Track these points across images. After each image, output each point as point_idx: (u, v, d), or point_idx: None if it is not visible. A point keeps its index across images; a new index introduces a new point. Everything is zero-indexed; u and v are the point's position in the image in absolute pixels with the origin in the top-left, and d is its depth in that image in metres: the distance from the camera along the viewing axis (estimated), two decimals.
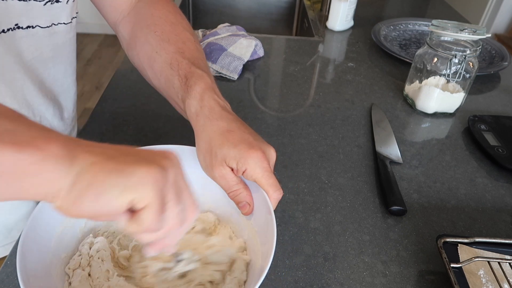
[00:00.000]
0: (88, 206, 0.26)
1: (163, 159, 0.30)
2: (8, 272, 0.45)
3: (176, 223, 0.30)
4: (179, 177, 0.31)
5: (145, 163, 0.28)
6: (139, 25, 0.56)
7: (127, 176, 0.27)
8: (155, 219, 0.28)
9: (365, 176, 0.62)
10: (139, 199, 0.27)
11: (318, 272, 0.48)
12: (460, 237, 0.48)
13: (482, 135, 0.70)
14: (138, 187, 0.27)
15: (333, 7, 1.09)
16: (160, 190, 0.28)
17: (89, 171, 0.26)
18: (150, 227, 0.29)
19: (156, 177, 0.28)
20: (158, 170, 0.28)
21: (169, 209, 0.29)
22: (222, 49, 0.87)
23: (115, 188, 0.27)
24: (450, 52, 0.72)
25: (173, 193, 0.30)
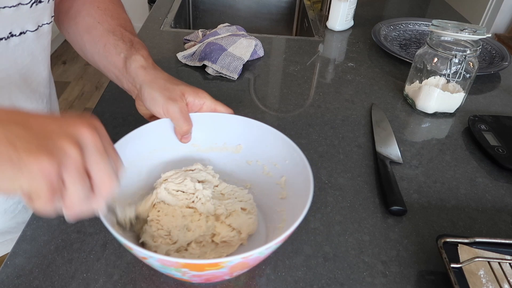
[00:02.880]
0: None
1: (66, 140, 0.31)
2: (8, 272, 0.45)
3: (77, 199, 0.33)
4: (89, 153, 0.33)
5: (37, 152, 0.30)
6: (82, 1, 0.62)
7: (15, 166, 0.29)
8: (45, 206, 0.31)
9: (365, 176, 0.62)
10: (28, 188, 0.30)
11: (318, 272, 0.48)
12: (460, 237, 0.48)
13: (482, 135, 0.70)
14: (26, 178, 0.30)
15: (333, 7, 1.09)
16: (49, 179, 0.30)
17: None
18: (41, 210, 0.32)
19: (44, 169, 0.30)
20: (48, 160, 0.30)
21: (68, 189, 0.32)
22: (222, 49, 0.87)
23: (6, 177, 0.29)
24: (450, 52, 0.72)
25: (71, 175, 0.32)
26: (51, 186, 0.31)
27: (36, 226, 0.50)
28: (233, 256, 0.36)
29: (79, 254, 0.48)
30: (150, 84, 0.53)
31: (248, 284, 0.46)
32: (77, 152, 0.32)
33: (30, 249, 0.48)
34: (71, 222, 0.49)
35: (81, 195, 0.33)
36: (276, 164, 0.53)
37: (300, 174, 0.48)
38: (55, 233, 0.50)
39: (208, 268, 0.38)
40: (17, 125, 0.31)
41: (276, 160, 0.53)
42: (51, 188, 0.31)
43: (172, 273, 0.40)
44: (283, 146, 0.51)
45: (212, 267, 0.37)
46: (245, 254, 0.37)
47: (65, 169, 0.31)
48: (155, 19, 1.11)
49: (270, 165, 0.54)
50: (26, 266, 0.46)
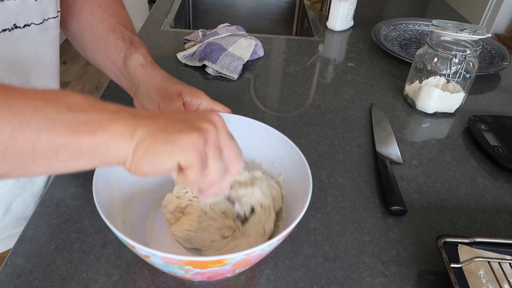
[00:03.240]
0: (146, 168, 0.34)
1: (205, 123, 0.37)
2: (8, 272, 0.45)
3: (217, 175, 0.37)
4: (221, 135, 0.38)
5: (186, 130, 0.35)
6: None
7: (172, 144, 0.34)
8: (198, 174, 0.36)
9: (365, 176, 0.62)
10: (183, 161, 0.35)
11: (318, 272, 0.48)
12: (460, 237, 0.48)
13: (482, 135, 0.70)
14: (181, 152, 0.34)
15: (333, 7, 1.09)
16: (200, 152, 0.35)
17: (144, 142, 0.34)
18: (194, 180, 0.36)
19: (195, 142, 0.35)
20: (197, 135, 0.35)
21: (210, 165, 0.36)
22: (222, 49, 0.87)
23: (164, 155, 0.34)
24: (450, 52, 0.72)
25: (213, 152, 0.36)
26: (201, 157, 0.35)
27: (36, 226, 0.50)
28: (236, 253, 0.37)
29: (79, 254, 0.48)
30: (147, 82, 0.54)
31: (248, 284, 0.46)
32: (215, 130, 0.37)
33: (30, 249, 0.48)
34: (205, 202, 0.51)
35: (220, 171, 0.37)
36: (274, 162, 0.53)
37: (299, 173, 0.48)
38: (55, 233, 0.50)
39: (212, 265, 0.38)
40: (162, 118, 0.36)
41: (274, 159, 0.53)
42: (202, 159, 0.35)
43: (174, 271, 0.40)
44: (280, 145, 0.52)
45: (215, 264, 0.38)
46: (248, 251, 0.37)
47: (208, 145, 0.36)
48: (155, 19, 1.11)
49: (268, 164, 0.54)
50: (26, 266, 0.46)
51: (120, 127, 0.34)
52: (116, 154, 0.34)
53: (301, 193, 0.45)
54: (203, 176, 0.36)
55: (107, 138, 0.33)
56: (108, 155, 0.34)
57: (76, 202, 0.54)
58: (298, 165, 0.48)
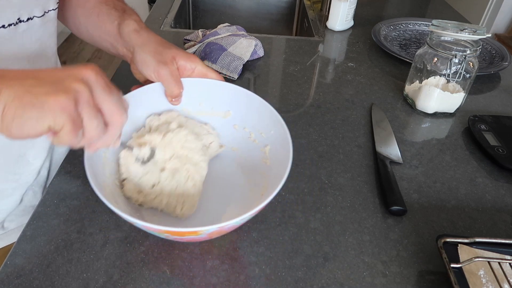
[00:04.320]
0: (17, 132, 0.34)
1: (75, 82, 0.36)
2: (8, 272, 0.45)
3: (95, 132, 0.37)
4: (96, 92, 0.37)
5: (54, 93, 0.34)
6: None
7: (39, 108, 0.34)
8: (71, 136, 0.36)
9: (365, 176, 0.62)
10: (53, 124, 0.34)
11: (318, 272, 0.48)
12: (460, 237, 0.48)
13: (482, 135, 0.70)
14: (49, 116, 0.34)
15: (333, 7, 1.09)
16: (69, 113, 0.35)
17: (11, 106, 0.33)
18: (69, 142, 0.36)
19: (63, 105, 0.34)
20: (65, 97, 0.34)
21: (85, 124, 0.36)
22: (222, 49, 0.87)
23: (31, 119, 0.34)
24: (450, 52, 0.72)
25: (86, 110, 0.36)
26: (72, 119, 0.35)
27: (36, 226, 0.50)
28: (210, 226, 0.40)
29: (79, 254, 0.48)
30: (142, 47, 0.55)
31: (248, 284, 0.46)
32: (87, 89, 0.36)
33: (30, 249, 0.48)
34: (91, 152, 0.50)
35: (98, 128, 0.37)
36: (262, 133, 0.56)
37: (283, 147, 0.50)
38: (55, 233, 0.50)
39: (188, 235, 0.42)
40: (30, 79, 0.35)
41: (262, 129, 0.55)
42: (72, 121, 0.35)
43: (158, 236, 0.45)
44: (269, 117, 0.54)
45: (191, 234, 0.42)
46: (221, 224, 0.40)
47: (80, 106, 0.35)
48: (155, 19, 1.11)
49: (256, 133, 0.57)
50: (26, 266, 0.46)
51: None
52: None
53: (282, 169, 0.47)
54: (77, 135, 0.36)
55: None
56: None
57: (76, 202, 0.54)
58: (283, 140, 0.51)
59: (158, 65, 0.53)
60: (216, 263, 0.48)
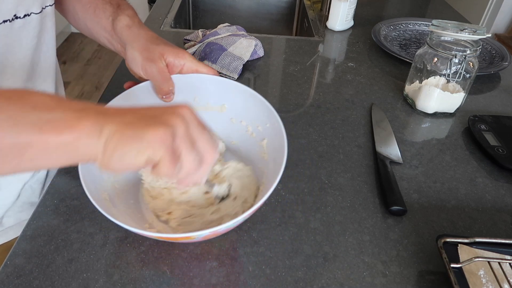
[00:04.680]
0: (117, 165, 0.35)
1: (173, 117, 0.36)
2: (8, 272, 0.45)
3: (192, 166, 0.38)
4: (192, 127, 0.38)
5: (153, 125, 0.35)
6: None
7: (139, 140, 0.34)
8: (170, 168, 0.36)
9: (365, 176, 0.62)
10: (152, 156, 0.35)
11: (318, 272, 0.48)
12: (460, 237, 0.48)
13: (482, 135, 0.70)
14: (149, 148, 0.34)
15: (333, 7, 1.09)
16: (168, 146, 0.35)
17: (112, 139, 0.34)
18: (167, 174, 0.36)
19: (162, 137, 0.35)
20: (164, 129, 0.35)
21: (183, 157, 0.37)
22: (222, 49, 0.87)
23: (132, 151, 0.34)
24: (450, 52, 0.72)
25: (184, 144, 0.37)
26: (170, 151, 0.35)
27: (36, 226, 0.50)
28: (202, 231, 0.40)
29: (79, 254, 0.48)
30: (131, 43, 0.55)
31: (248, 284, 0.46)
32: (184, 124, 0.37)
33: (30, 249, 0.48)
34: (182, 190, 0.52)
35: (195, 162, 0.38)
36: (259, 126, 0.56)
37: (278, 142, 0.50)
38: (55, 233, 0.50)
39: (181, 239, 0.43)
40: (129, 114, 0.36)
41: (259, 122, 0.56)
42: (171, 153, 0.36)
43: None
44: (263, 110, 0.54)
45: (184, 239, 0.42)
46: (213, 229, 0.40)
47: (178, 139, 0.36)
48: (155, 19, 1.11)
49: (253, 127, 0.57)
50: (26, 266, 0.46)
51: (86, 125, 0.34)
52: (84, 152, 0.34)
53: (278, 164, 0.47)
54: (175, 169, 0.37)
55: (74, 136, 0.33)
56: (77, 153, 0.34)
57: (76, 202, 0.54)
58: (277, 135, 0.51)
59: (145, 62, 0.52)
60: (216, 263, 0.48)
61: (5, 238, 0.65)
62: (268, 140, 0.54)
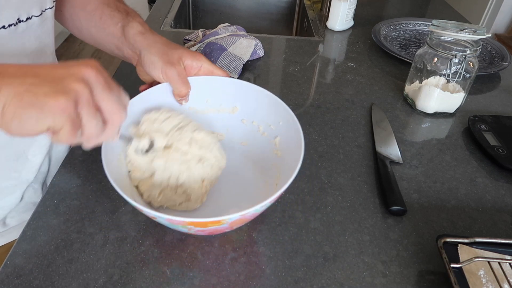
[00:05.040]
0: (16, 131, 0.34)
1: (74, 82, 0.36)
2: (8, 272, 0.45)
3: (94, 130, 0.38)
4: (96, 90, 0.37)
5: (54, 94, 0.34)
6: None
7: (39, 109, 0.34)
8: (70, 135, 0.36)
9: (365, 176, 0.62)
10: (52, 125, 0.35)
11: (318, 272, 0.48)
12: (460, 237, 0.48)
13: (482, 135, 0.70)
14: (49, 117, 0.34)
15: (333, 7, 1.09)
16: (69, 115, 0.35)
17: (11, 104, 0.33)
18: (67, 141, 0.37)
19: (63, 107, 0.34)
20: (65, 99, 0.34)
21: (84, 124, 0.37)
22: (222, 49, 0.87)
23: (31, 119, 0.34)
24: (450, 52, 0.72)
25: (86, 110, 0.36)
26: (71, 120, 0.35)
27: (36, 226, 0.50)
28: (233, 214, 0.40)
29: (79, 254, 0.48)
30: (149, 49, 0.55)
31: (248, 284, 0.46)
32: (87, 90, 0.36)
33: (30, 249, 0.48)
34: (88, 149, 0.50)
35: (97, 127, 0.38)
36: (271, 125, 0.56)
37: (293, 137, 0.51)
38: (55, 233, 0.50)
39: (211, 225, 0.42)
40: (29, 76, 0.35)
41: (271, 121, 0.56)
42: (72, 121, 0.35)
43: (179, 229, 0.45)
44: (277, 108, 0.55)
45: (214, 224, 0.42)
46: (243, 212, 0.40)
47: (80, 106, 0.36)
48: (155, 19, 1.11)
49: (265, 126, 0.57)
50: (26, 266, 0.46)
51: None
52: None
53: (294, 157, 0.48)
54: (76, 135, 0.37)
55: None
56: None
57: (76, 202, 0.54)
58: (292, 131, 0.52)
59: (166, 66, 0.53)
60: (216, 263, 0.48)
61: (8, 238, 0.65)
62: (281, 137, 0.55)
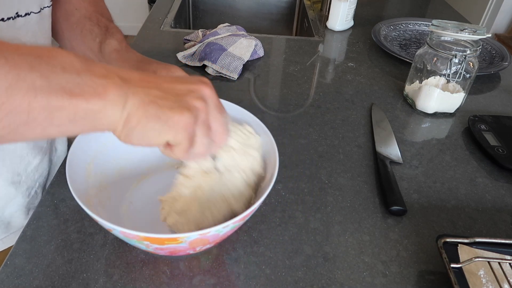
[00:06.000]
0: (135, 140, 0.35)
1: (196, 100, 0.37)
2: (8, 272, 0.45)
3: (203, 150, 0.39)
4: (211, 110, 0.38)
5: (178, 109, 0.35)
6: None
7: (163, 122, 0.35)
8: (184, 153, 0.37)
9: (365, 176, 0.62)
10: (172, 140, 0.36)
11: (318, 272, 0.48)
12: (460, 237, 0.48)
13: (482, 135, 0.70)
14: (171, 132, 0.35)
15: (333, 7, 1.09)
16: (190, 132, 0.36)
17: (136, 114, 0.34)
18: (179, 157, 0.38)
19: (185, 123, 0.35)
20: (188, 115, 0.35)
21: (197, 142, 0.37)
22: (222, 49, 0.87)
23: (153, 131, 0.35)
24: (450, 52, 0.72)
25: (201, 129, 0.37)
26: (190, 137, 0.36)
27: (36, 226, 0.50)
28: (191, 233, 0.39)
29: (79, 254, 0.48)
30: (123, 65, 0.55)
31: (248, 284, 0.46)
32: (206, 109, 0.37)
33: (30, 249, 0.48)
34: None
35: (207, 147, 0.39)
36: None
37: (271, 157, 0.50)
38: (55, 233, 0.50)
39: (168, 242, 0.40)
40: (153, 88, 0.35)
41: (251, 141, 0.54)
42: (190, 139, 0.36)
43: (137, 245, 0.42)
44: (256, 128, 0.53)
45: (171, 242, 0.40)
46: (203, 231, 0.39)
47: (197, 125, 0.37)
48: (155, 19, 1.11)
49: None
50: (26, 266, 0.46)
51: (112, 95, 0.33)
52: (107, 122, 0.34)
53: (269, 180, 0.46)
54: (188, 153, 0.38)
55: (101, 105, 0.33)
56: (100, 121, 0.34)
57: (76, 202, 0.54)
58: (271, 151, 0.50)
59: None
60: (216, 263, 0.48)
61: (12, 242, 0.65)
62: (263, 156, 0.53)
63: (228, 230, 0.42)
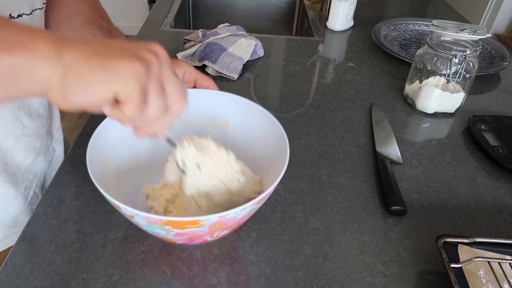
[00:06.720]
0: (77, 98, 0.29)
1: (147, 52, 0.32)
2: (8, 272, 0.45)
3: (157, 112, 0.33)
4: (165, 69, 0.33)
5: (127, 57, 0.30)
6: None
7: (110, 71, 0.29)
8: (136, 111, 0.31)
9: (365, 176, 0.62)
10: (121, 92, 0.30)
11: (318, 272, 0.48)
12: (460, 237, 0.48)
13: (482, 135, 0.70)
14: (120, 81, 0.30)
15: (333, 7, 1.09)
16: (142, 84, 0.31)
17: (76, 67, 0.29)
18: (131, 116, 0.32)
19: (137, 71, 0.30)
20: (140, 64, 0.31)
21: (150, 101, 0.32)
22: (222, 49, 0.87)
23: (99, 83, 0.29)
24: (450, 52, 0.72)
25: (155, 86, 0.32)
26: (142, 90, 0.31)
27: (36, 226, 0.50)
28: (211, 215, 0.39)
29: (79, 254, 0.48)
30: None
31: (248, 284, 0.46)
32: (158, 62, 0.33)
33: (30, 249, 0.48)
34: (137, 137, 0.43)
35: (161, 109, 0.33)
36: (261, 139, 0.56)
37: (280, 150, 0.50)
38: (55, 233, 0.50)
39: (189, 226, 0.40)
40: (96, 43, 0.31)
41: (261, 135, 0.56)
42: (142, 92, 0.31)
43: (157, 232, 0.42)
44: (267, 123, 0.54)
45: (192, 225, 0.40)
46: (221, 214, 0.39)
47: (150, 79, 0.32)
48: (155, 19, 1.11)
49: (254, 140, 0.57)
50: (26, 266, 0.46)
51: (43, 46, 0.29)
52: (39, 78, 0.29)
53: (279, 168, 0.46)
54: (141, 112, 0.32)
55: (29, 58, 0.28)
56: (30, 79, 0.29)
57: (76, 202, 0.54)
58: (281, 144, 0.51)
59: None
60: (216, 263, 0.48)
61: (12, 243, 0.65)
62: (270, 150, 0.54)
63: (245, 214, 0.43)
